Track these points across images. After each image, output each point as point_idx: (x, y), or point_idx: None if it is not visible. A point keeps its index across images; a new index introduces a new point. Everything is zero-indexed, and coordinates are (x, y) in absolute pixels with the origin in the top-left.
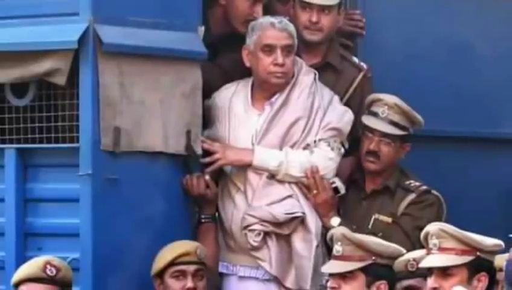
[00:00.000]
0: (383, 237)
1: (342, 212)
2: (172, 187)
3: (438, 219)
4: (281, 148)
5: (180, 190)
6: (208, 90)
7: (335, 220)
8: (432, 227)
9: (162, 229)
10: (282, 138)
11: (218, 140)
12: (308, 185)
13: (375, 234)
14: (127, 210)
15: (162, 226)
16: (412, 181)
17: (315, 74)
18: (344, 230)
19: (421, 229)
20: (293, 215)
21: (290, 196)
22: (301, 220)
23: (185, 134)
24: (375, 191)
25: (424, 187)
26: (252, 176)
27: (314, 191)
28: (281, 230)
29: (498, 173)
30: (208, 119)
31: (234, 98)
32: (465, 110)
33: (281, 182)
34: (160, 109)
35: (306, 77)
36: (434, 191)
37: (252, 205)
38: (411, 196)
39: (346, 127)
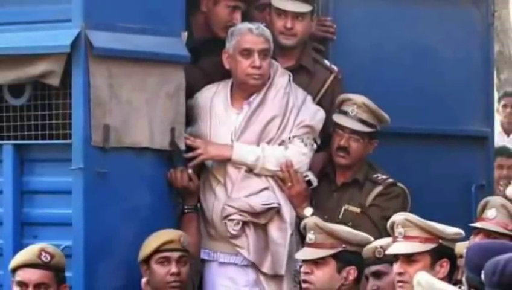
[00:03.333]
0: (353, 226)
1: (314, 203)
2: (158, 180)
3: (403, 209)
4: (258, 145)
5: (164, 182)
6: (191, 91)
7: (308, 211)
8: (398, 217)
9: (148, 219)
10: (259, 135)
11: (200, 137)
12: (283, 178)
13: (345, 224)
14: (116, 201)
15: (148, 216)
16: (379, 174)
17: (290, 76)
18: (316, 220)
19: (388, 219)
20: (269, 206)
21: (266, 188)
22: (277, 211)
23: (170, 131)
24: (345, 184)
25: (391, 180)
26: (231, 169)
27: (289, 184)
28: (258, 220)
29: (458, 167)
30: (190, 118)
31: (215, 98)
32: (427, 109)
33: (258, 175)
34: (146, 108)
35: (281, 79)
36: (399, 184)
37: (232, 196)
38: (378, 188)
39: (319, 125)
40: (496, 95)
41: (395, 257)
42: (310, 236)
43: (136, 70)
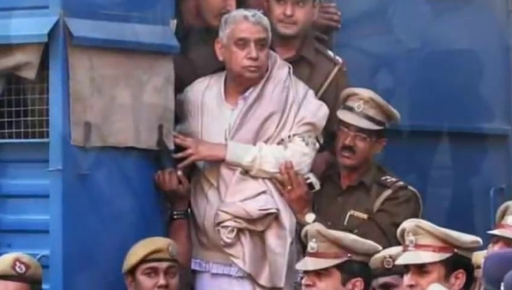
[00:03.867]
0: (359, 234)
1: (316, 209)
2: (144, 183)
3: (415, 215)
4: (254, 144)
5: (152, 185)
6: (180, 85)
7: (310, 217)
8: (408, 223)
9: (133, 226)
10: (255, 133)
11: (190, 135)
12: (282, 180)
13: (350, 231)
14: (98, 206)
15: (134, 222)
16: (388, 177)
17: (289, 68)
18: (319, 226)
19: (397, 225)
20: (267, 211)
21: (263, 192)
22: (275, 217)
23: (157, 129)
24: (350, 187)
25: (401, 183)
26: (225, 171)
27: (289, 187)
28: (255, 226)
29: (475, 169)
30: (180, 114)
31: (207, 92)
32: (441, 105)
33: (254, 177)
34: (131, 103)
35: (280, 71)
36: (410, 187)
37: (225, 201)
38: (387, 192)
39: (321, 122)
40: None
41: (406, 268)
42: (312, 245)
43: (120, 62)
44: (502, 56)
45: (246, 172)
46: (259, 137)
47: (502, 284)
